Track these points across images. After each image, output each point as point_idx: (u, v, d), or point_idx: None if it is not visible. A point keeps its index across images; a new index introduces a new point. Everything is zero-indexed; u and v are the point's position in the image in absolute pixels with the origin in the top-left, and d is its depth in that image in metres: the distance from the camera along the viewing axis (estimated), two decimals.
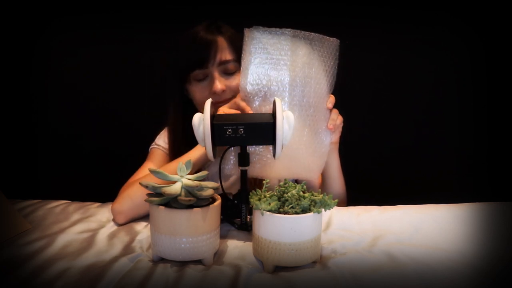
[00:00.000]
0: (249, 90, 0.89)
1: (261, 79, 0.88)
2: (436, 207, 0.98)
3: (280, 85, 0.87)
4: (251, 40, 0.87)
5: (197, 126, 0.77)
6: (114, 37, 1.42)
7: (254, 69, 0.88)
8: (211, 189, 0.72)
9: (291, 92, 0.88)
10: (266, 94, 0.88)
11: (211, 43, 0.99)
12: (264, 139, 0.77)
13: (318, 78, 0.90)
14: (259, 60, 0.87)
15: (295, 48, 0.87)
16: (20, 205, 0.96)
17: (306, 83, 0.88)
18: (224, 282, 0.63)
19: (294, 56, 0.87)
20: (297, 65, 0.87)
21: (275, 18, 1.32)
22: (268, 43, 0.87)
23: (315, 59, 0.89)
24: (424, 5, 1.36)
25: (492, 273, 0.66)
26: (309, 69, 0.88)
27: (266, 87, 0.88)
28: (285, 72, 0.87)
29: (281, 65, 0.87)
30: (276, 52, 0.87)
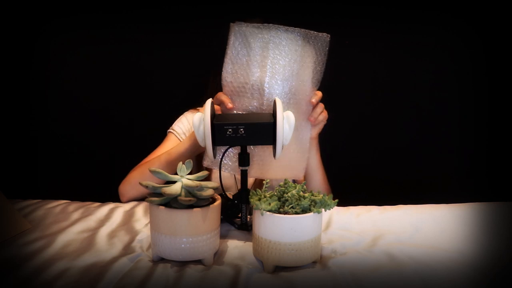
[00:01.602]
0: (230, 84, 0.88)
1: (243, 73, 0.87)
2: (436, 207, 0.98)
3: (260, 80, 0.87)
4: (234, 35, 0.87)
5: (197, 125, 0.77)
6: (113, 37, 1.42)
7: (236, 63, 0.87)
8: (211, 189, 0.72)
9: (271, 87, 0.87)
10: (247, 88, 0.87)
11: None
12: (265, 139, 0.77)
13: (302, 74, 0.90)
14: (242, 54, 0.87)
15: (278, 43, 0.86)
16: (20, 205, 0.96)
17: (287, 79, 0.88)
18: (224, 282, 0.63)
19: (277, 51, 0.86)
20: (279, 61, 0.87)
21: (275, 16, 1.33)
22: (252, 38, 0.86)
23: (299, 55, 0.89)
24: (424, 5, 1.35)
25: (492, 273, 0.66)
26: (291, 65, 0.88)
27: (247, 81, 0.87)
28: (266, 67, 0.86)
29: (263, 60, 0.86)
30: (258, 47, 0.86)
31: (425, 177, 1.45)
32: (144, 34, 1.42)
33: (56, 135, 1.48)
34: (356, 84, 1.42)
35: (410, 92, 1.43)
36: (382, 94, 1.43)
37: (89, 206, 0.98)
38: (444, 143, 1.46)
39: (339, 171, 1.07)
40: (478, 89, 1.43)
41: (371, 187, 1.38)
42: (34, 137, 1.47)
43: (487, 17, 1.37)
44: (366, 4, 1.35)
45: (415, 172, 1.46)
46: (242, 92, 0.88)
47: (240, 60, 0.87)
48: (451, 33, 1.37)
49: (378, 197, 1.03)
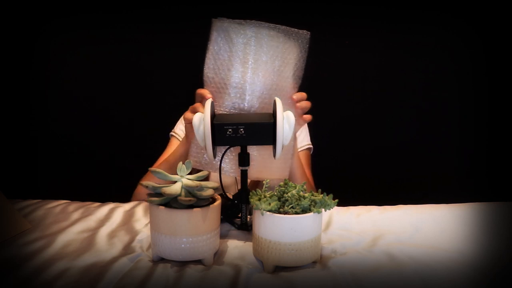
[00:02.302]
0: (211, 80, 0.88)
1: (224, 69, 0.87)
2: (436, 207, 0.98)
3: (241, 76, 0.86)
4: (216, 30, 0.87)
5: (197, 126, 0.77)
6: (113, 37, 1.42)
7: (218, 59, 0.87)
8: (211, 189, 0.72)
9: (252, 83, 0.87)
10: (228, 84, 0.87)
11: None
12: (265, 139, 0.77)
13: (283, 70, 0.89)
14: (224, 50, 0.87)
15: (259, 40, 0.86)
16: (20, 205, 0.96)
17: (269, 75, 0.88)
18: (224, 282, 0.63)
19: (259, 47, 0.86)
20: (261, 57, 0.87)
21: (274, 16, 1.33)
22: (234, 34, 0.86)
23: (281, 51, 0.89)
24: (424, 5, 1.36)
25: (492, 273, 0.66)
26: (273, 61, 0.88)
27: (229, 77, 0.87)
28: (247, 63, 0.86)
29: (244, 56, 0.86)
30: (240, 43, 0.86)
31: (425, 177, 1.45)
32: (144, 34, 1.42)
33: (56, 135, 1.48)
34: (356, 84, 1.42)
35: (411, 92, 1.43)
36: (382, 94, 1.43)
37: (89, 206, 0.98)
38: (444, 143, 1.46)
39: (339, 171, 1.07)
40: (478, 89, 1.43)
41: (371, 187, 1.38)
42: (34, 137, 1.47)
43: (487, 17, 1.37)
44: (366, 4, 1.35)
45: (415, 172, 1.46)
46: (223, 88, 0.88)
47: (222, 56, 0.87)
48: (451, 33, 1.37)
49: (378, 197, 1.03)
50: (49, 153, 1.48)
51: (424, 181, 1.44)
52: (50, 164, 1.49)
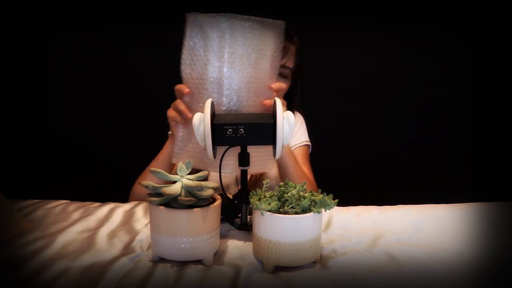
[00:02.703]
0: (189, 76, 0.88)
1: (201, 64, 0.86)
2: (436, 207, 0.98)
3: (218, 70, 0.86)
4: (190, 25, 0.86)
5: (197, 125, 0.77)
6: (113, 37, 1.42)
7: (193, 54, 0.86)
8: (211, 189, 0.72)
9: (229, 77, 0.86)
10: (205, 79, 0.86)
11: (285, 47, 1.07)
12: (265, 139, 0.77)
13: (260, 62, 0.89)
14: (199, 45, 0.86)
15: (234, 33, 0.85)
16: (20, 205, 0.96)
17: (246, 68, 0.87)
18: (224, 282, 0.63)
19: (234, 40, 0.85)
20: (237, 50, 0.86)
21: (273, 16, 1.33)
22: (208, 28, 0.85)
23: (257, 43, 0.88)
24: (424, 5, 1.36)
25: (492, 273, 0.66)
26: (249, 54, 0.87)
27: (205, 72, 0.86)
28: (223, 57, 0.85)
29: (219, 50, 0.85)
30: (215, 37, 0.85)
31: (425, 177, 1.45)
32: (144, 34, 1.42)
33: (56, 135, 1.48)
34: (356, 84, 1.42)
35: (411, 92, 1.43)
36: (382, 93, 1.43)
37: (89, 206, 0.98)
38: (444, 143, 1.46)
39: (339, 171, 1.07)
40: (478, 89, 1.43)
41: (371, 187, 1.38)
42: (34, 137, 1.47)
43: (487, 17, 1.37)
44: (366, 4, 1.35)
45: (415, 172, 1.46)
46: (201, 84, 0.87)
47: (197, 51, 0.86)
48: (451, 33, 1.38)
49: (378, 197, 1.03)
50: (49, 153, 1.48)
51: (424, 181, 1.44)
52: (50, 164, 1.49)
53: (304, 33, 1.10)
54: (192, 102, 0.90)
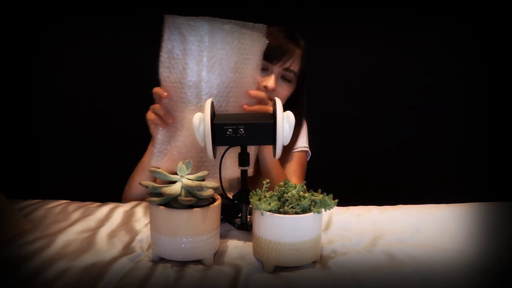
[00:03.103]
0: (167, 79, 0.87)
1: (179, 67, 0.85)
2: (436, 207, 0.98)
3: (196, 75, 0.85)
4: (169, 28, 0.85)
5: (197, 125, 0.77)
6: (113, 37, 1.42)
7: (172, 57, 0.85)
8: (211, 189, 0.72)
9: (208, 82, 0.85)
10: (184, 83, 0.85)
11: (290, 50, 1.06)
12: (265, 139, 0.77)
13: (240, 67, 0.88)
14: (178, 48, 0.85)
15: (213, 37, 0.84)
16: (20, 205, 0.96)
17: (225, 72, 0.86)
18: (224, 282, 0.63)
19: (213, 45, 0.84)
20: (215, 54, 0.85)
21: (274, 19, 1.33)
22: (187, 31, 0.83)
23: (237, 47, 0.87)
24: (424, 5, 1.36)
25: (492, 273, 0.66)
26: (229, 58, 0.86)
27: (184, 75, 0.85)
28: (202, 61, 0.84)
29: (198, 54, 0.84)
30: (194, 40, 0.83)
31: (425, 177, 1.45)
32: (144, 34, 1.42)
33: (56, 135, 1.48)
34: (356, 83, 1.42)
35: (411, 92, 1.43)
36: (382, 94, 1.43)
37: (89, 206, 0.98)
38: (444, 143, 1.46)
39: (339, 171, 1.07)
40: (478, 89, 1.43)
41: (371, 187, 1.38)
42: (34, 137, 1.47)
43: (487, 17, 1.37)
44: (366, 4, 1.35)
45: (415, 172, 1.46)
46: (179, 88, 0.86)
47: (176, 54, 0.85)
48: (451, 33, 1.37)
49: (378, 197, 1.03)
50: (49, 153, 1.48)
51: (424, 181, 1.44)
52: (50, 164, 1.49)
53: (303, 33, 1.10)
54: (170, 106, 0.88)
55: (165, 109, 0.89)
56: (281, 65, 1.06)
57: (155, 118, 0.90)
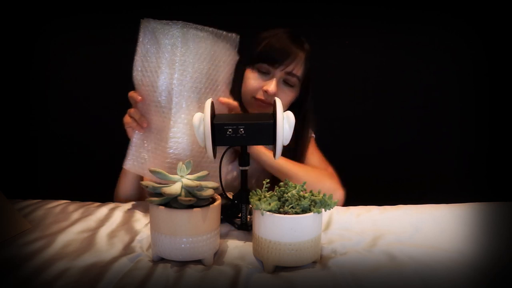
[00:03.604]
0: (140, 83, 0.87)
1: (152, 71, 0.85)
2: (436, 207, 0.98)
3: (168, 78, 0.84)
4: (143, 31, 0.85)
5: (197, 126, 0.77)
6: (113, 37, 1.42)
7: (145, 61, 0.85)
8: (211, 189, 0.72)
9: (179, 85, 0.85)
10: (155, 87, 0.85)
11: (293, 53, 1.04)
12: (265, 139, 0.78)
13: (212, 74, 0.88)
14: (151, 52, 0.85)
15: (186, 42, 0.84)
16: (20, 205, 0.96)
17: (197, 78, 0.86)
18: (224, 282, 0.63)
19: (185, 49, 0.84)
20: (188, 59, 0.85)
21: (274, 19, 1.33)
22: (161, 34, 0.84)
23: (209, 54, 0.87)
24: (424, 5, 1.36)
25: (492, 273, 0.66)
26: (201, 64, 0.86)
27: (156, 80, 0.85)
28: (174, 65, 0.84)
29: (171, 58, 0.84)
30: (167, 44, 0.84)
31: (425, 177, 1.45)
32: None
33: (56, 135, 1.48)
34: (356, 84, 1.42)
35: (411, 92, 1.43)
36: (382, 94, 1.43)
37: (89, 206, 0.98)
38: (444, 143, 1.46)
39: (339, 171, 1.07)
40: (478, 89, 1.43)
41: (371, 187, 1.38)
42: (34, 137, 1.47)
43: (487, 17, 1.37)
44: (366, 4, 1.35)
45: (415, 172, 1.46)
46: (151, 91, 0.86)
47: (149, 58, 0.85)
48: (452, 33, 1.37)
49: (378, 197, 1.03)
50: (49, 153, 1.48)
51: (424, 181, 1.44)
52: (50, 164, 1.49)
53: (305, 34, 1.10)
54: (144, 109, 0.88)
55: (140, 113, 0.89)
56: (283, 69, 1.04)
57: (130, 122, 0.90)
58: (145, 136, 0.90)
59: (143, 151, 0.90)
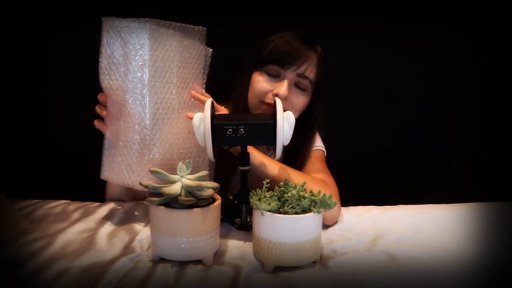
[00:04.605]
0: (108, 86, 0.83)
1: (120, 73, 0.80)
2: (436, 207, 0.98)
3: (139, 81, 0.80)
4: (107, 31, 0.81)
5: (197, 126, 0.77)
6: None
7: (112, 62, 0.81)
8: (211, 189, 0.72)
9: (153, 86, 0.80)
10: (126, 89, 0.80)
11: (304, 54, 0.97)
12: (265, 139, 0.78)
13: (183, 71, 0.85)
14: (118, 53, 0.80)
15: (154, 39, 0.79)
16: (20, 205, 0.96)
17: (168, 76, 0.82)
18: (224, 282, 0.63)
19: (154, 47, 0.80)
20: (157, 58, 0.80)
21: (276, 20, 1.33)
22: (126, 34, 0.79)
23: (179, 50, 0.83)
24: (424, 5, 1.35)
25: (492, 273, 0.67)
26: (171, 62, 0.82)
27: (125, 81, 0.80)
28: (144, 66, 0.79)
29: (140, 58, 0.79)
30: (134, 43, 0.79)
31: (425, 177, 1.45)
32: None
33: (56, 135, 1.47)
34: (356, 84, 1.42)
35: (411, 92, 1.43)
36: (382, 94, 1.43)
37: (89, 206, 0.98)
38: (444, 143, 1.46)
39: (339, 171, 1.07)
40: (478, 89, 1.43)
41: (371, 187, 1.38)
42: (34, 137, 1.47)
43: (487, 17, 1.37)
44: (366, 4, 1.35)
45: (415, 172, 1.46)
46: (121, 95, 0.81)
47: (116, 59, 0.80)
48: (452, 33, 1.37)
49: (378, 197, 1.03)
50: (49, 153, 1.48)
51: (424, 181, 1.44)
52: (50, 164, 1.49)
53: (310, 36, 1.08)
54: (114, 113, 0.84)
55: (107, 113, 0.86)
56: (295, 70, 0.96)
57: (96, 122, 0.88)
58: (116, 143, 0.85)
59: (118, 159, 0.84)
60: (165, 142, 0.84)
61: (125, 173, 0.82)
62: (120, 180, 0.84)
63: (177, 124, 0.86)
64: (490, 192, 1.16)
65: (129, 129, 0.81)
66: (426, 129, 1.46)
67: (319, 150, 1.09)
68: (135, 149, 0.82)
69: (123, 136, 0.82)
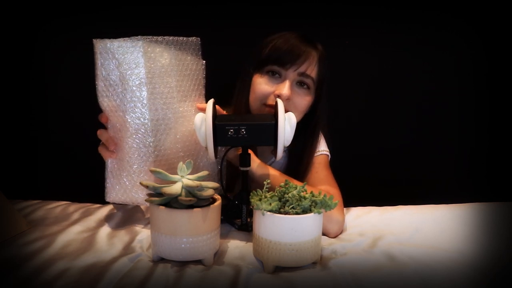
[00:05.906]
0: (107, 107, 0.82)
1: (118, 94, 0.79)
2: (436, 207, 0.98)
3: (138, 99, 0.78)
4: (100, 54, 0.80)
5: (199, 126, 0.77)
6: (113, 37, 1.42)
7: (109, 84, 0.80)
8: (212, 189, 0.72)
9: (152, 104, 0.79)
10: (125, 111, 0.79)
11: (304, 52, 0.95)
12: (266, 139, 0.78)
13: (181, 85, 0.83)
14: (113, 75, 0.79)
15: (149, 57, 0.78)
16: (20, 205, 0.96)
17: (167, 92, 0.81)
18: (224, 282, 0.63)
19: (149, 65, 0.78)
20: (154, 75, 0.79)
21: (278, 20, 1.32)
22: (120, 54, 0.79)
23: (175, 64, 0.82)
24: (425, 5, 1.35)
25: (492, 273, 0.67)
26: (168, 76, 0.81)
27: (124, 102, 0.79)
28: (141, 84, 0.78)
29: (137, 76, 0.78)
30: (129, 62, 0.78)
31: (425, 177, 1.45)
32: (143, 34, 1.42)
33: (56, 135, 1.47)
34: (356, 84, 1.42)
35: (410, 92, 1.43)
36: (382, 94, 1.43)
37: (89, 207, 0.98)
38: (444, 143, 1.46)
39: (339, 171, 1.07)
40: (478, 89, 1.42)
41: (371, 188, 1.38)
42: (34, 137, 1.47)
43: (487, 17, 1.37)
44: (366, 4, 1.35)
45: (415, 172, 1.46)
46: (121, 116, 0.80)
47: (112, 81, 0.79)
48: (452, 33, 1.37)
49: (378, 197, 1.03)
50: (49, 153, 1.48)
51: (424, 182, 1.44)
52: (50, 164, 1.49)
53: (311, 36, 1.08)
54: (116, 135, 0.83)
55: (108, 135, 0.84)
56: (296, 69, 0.94)
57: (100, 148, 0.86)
58: (119, 164, 0.83)
59: (123, 180, 0.82)
60: (171, 156, 0.83)
61: (132, 193, 0.81)
62: (127, 200, 0.83)
63: (182, 137, 0.84)
64: (490, 192, 1.16)
65: (132, 149, 0.80)
66: (426, 129, 1.46)
67: (323, 155, 1.06)
68: (140, 168, 0.81)
69: (126, 156, 0.81)
